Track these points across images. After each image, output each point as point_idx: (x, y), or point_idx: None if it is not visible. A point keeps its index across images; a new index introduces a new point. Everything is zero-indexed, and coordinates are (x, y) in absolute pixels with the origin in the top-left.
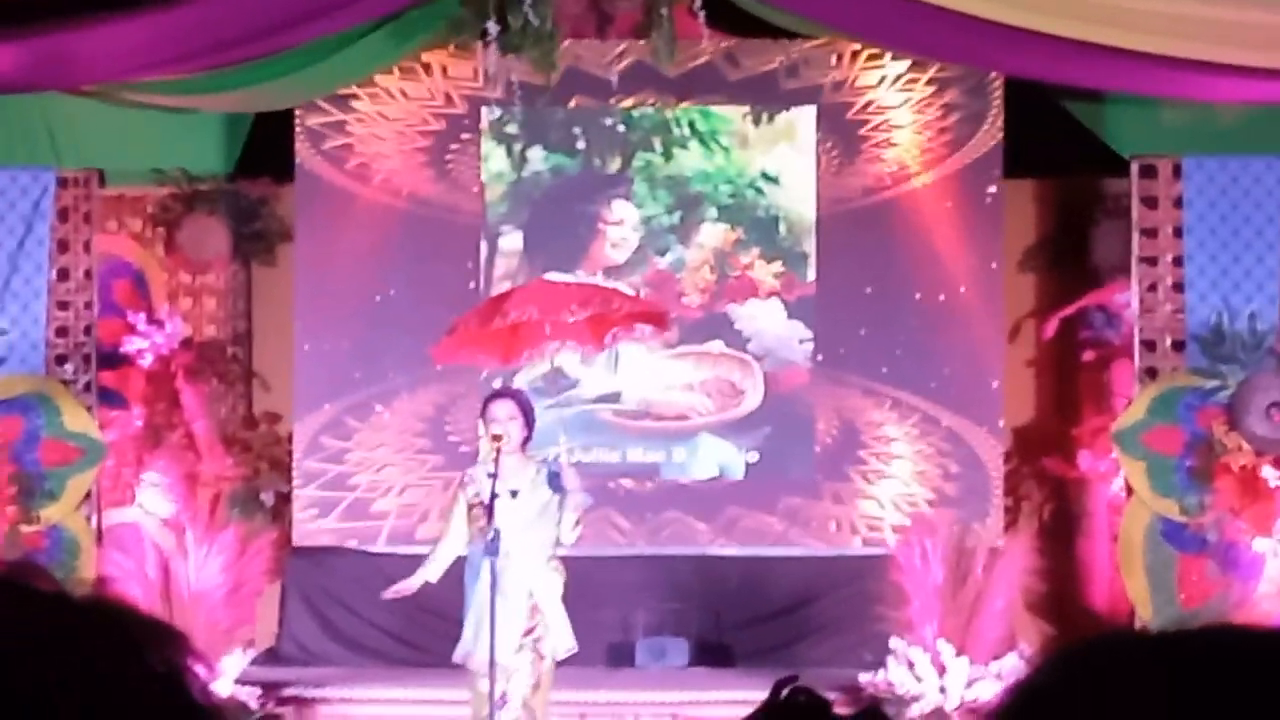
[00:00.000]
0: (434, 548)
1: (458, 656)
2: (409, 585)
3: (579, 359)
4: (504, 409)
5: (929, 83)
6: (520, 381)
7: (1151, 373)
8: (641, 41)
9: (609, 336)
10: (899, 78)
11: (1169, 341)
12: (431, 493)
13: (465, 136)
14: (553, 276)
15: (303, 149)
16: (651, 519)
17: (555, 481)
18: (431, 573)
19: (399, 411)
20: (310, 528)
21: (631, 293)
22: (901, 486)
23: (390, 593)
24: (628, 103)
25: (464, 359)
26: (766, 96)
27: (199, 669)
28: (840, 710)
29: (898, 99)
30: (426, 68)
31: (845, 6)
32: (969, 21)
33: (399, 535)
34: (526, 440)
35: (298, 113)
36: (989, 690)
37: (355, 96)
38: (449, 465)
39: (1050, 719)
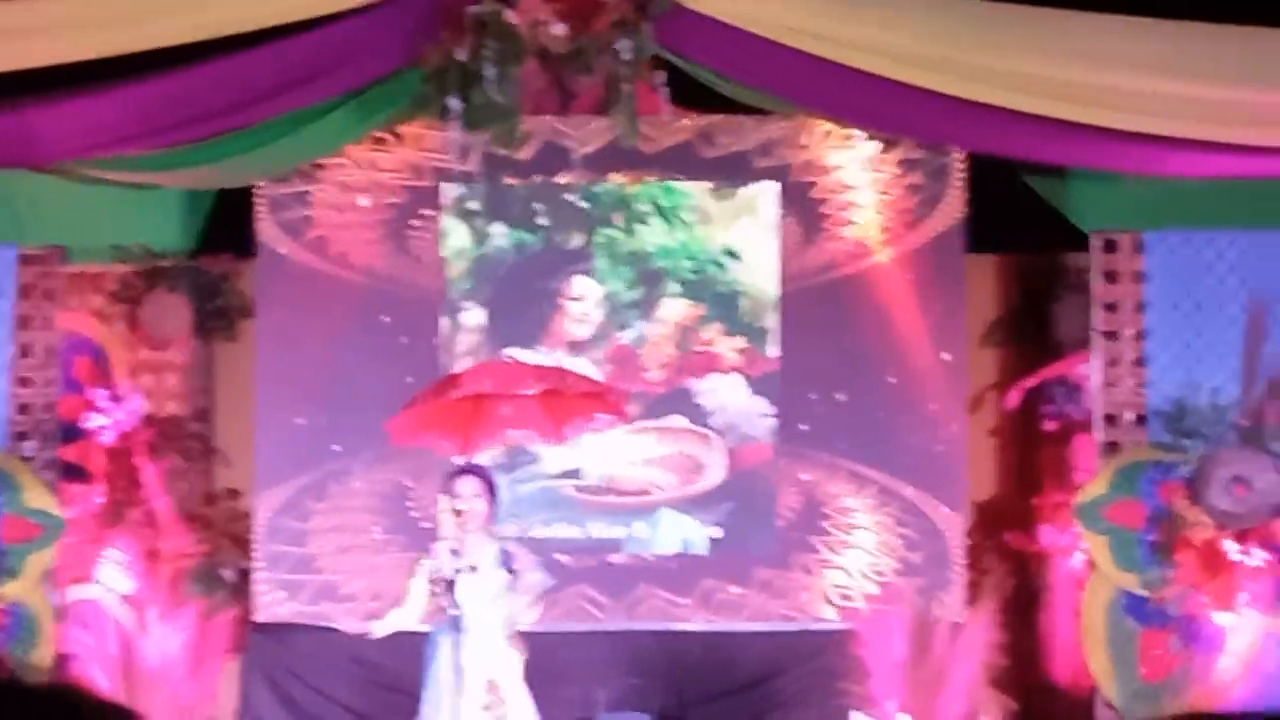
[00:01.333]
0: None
1: None
2: (353, 626)
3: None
4: (468, 486)
5: (898, 164)
6: (482, 459)
7: (1113, 447)
8: (605, 119)
9: (569, 429)
10: (868, 159)
11: (1131, 416)
12: (392, 568)
13: (426, 212)
14: (514, 353)
15: (264, 224)
16: (613, 595)
17: (507, 562)
18: (378, 627)
19: (360, 487)
20: (271, 605)
21: (591, 370)
22: (864, 561)
23: (332, 625)
24: (587, 179)
25: (421, 441)
26: (736, 174)
27: None
28: None
29: (863, 176)
30: (387, 144)
31: (808, 83)
32: (931, 97)
33: (358, 613)
34: (490, 517)
35: (258, 188)
36: None
37: (317, 171)
38: (410, 542)
39: None
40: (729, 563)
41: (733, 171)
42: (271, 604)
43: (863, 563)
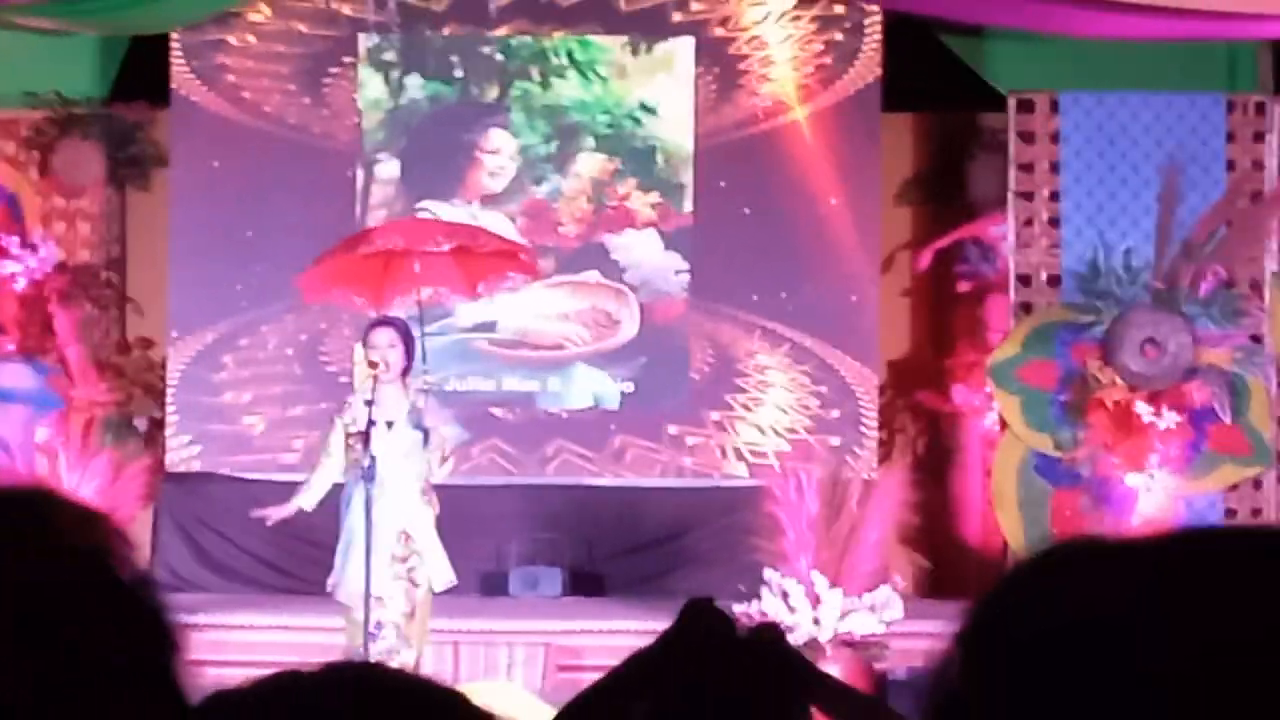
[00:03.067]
0: (310, 474)
1: (329, 585)
2: (283, 511)
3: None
4: (384, 337)
5: (812, 20)
6: (397, 311)
7: (1026, 307)
8: None
9: (480, 286)
10: (784, 15)
11: (1044, 276)
12: (306, 419)
13: (342, 62)
14: (429, 205)
15: (179, 73)
16: (526, 449)
17: (418, 421)
18: (306, 500)
19: (274, 338)
20: (183, 455)
21: (506, 224)
22: (776, 418)
23: (263, 515)
24: (504, 31)
25: (334, 298)
26: (653, 29)
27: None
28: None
29: (779, 33)
30: None
31: None
32: None
33: (273, 463)
34: (406, 370)
35: (174, 36)
36: (863, 622)
37: (232, 20)
38: (323, 393)
39: (1011, 626)
40: (641, 418)
41: (649, 26)
42: (184, 454)
43: (775, 419)
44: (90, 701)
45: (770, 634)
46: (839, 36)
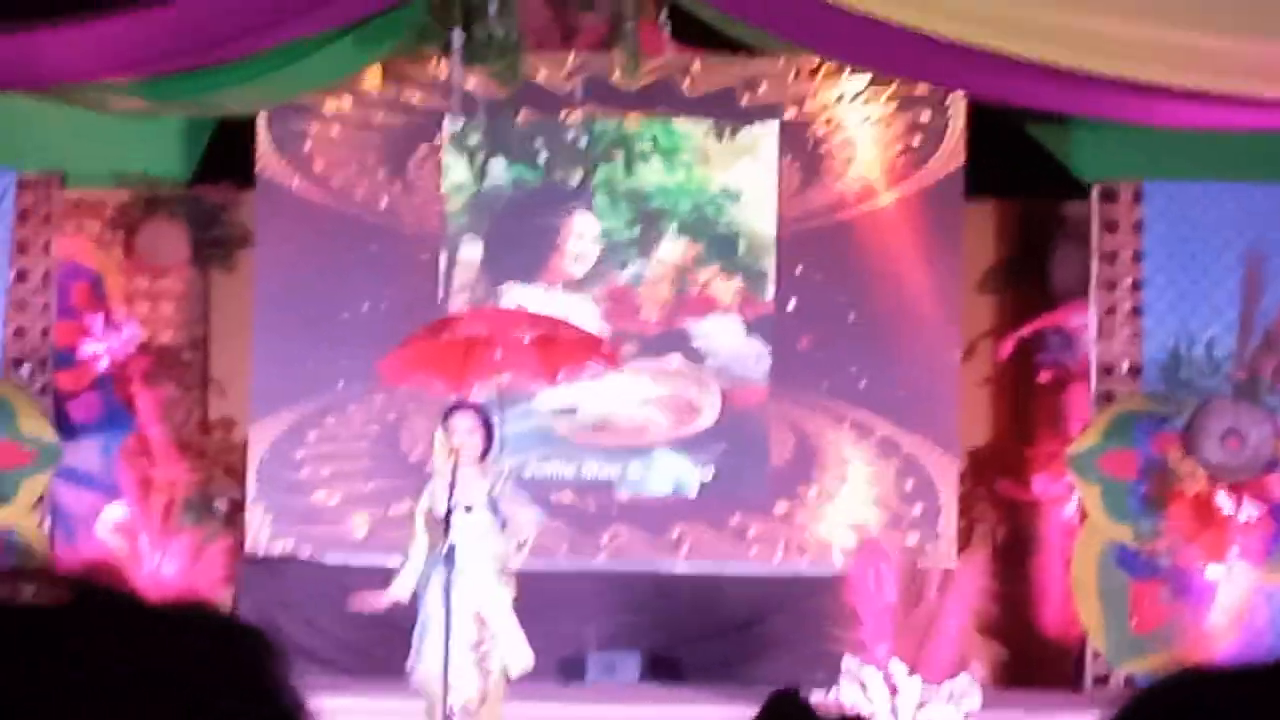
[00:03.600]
0: (401, 565)
1: (409, 667)
2: (379, 603)
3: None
4: (464, 421)
5: (890, 99)
6: (477, 395)
7: (1108, 397)
8: (606, 54)
9: (560, 373)
10: (858, 95)
11: (1126, 366)
12: (384, 502)
13: (427, 146)
14: (512, 289)
15: (264, 155)
16: (606, 534)
17: (495, 507)
18: (402, 590)
19: (354, 421)
20: (263, 536)
21: (590, 311)
22: (856, 506)
23: (359, 605)
24: (587, 116)
25: (413, 381)
26: (728, 112)
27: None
28: None
29: (858, 116)
30: (390, 77)
31: (811, 23)
32: (933, 41)
33: (351, 545)
34: (485, 454)
35: (259, 118)
36: (940, 711)
37: (319, 103)
38: (400, 476)
39: None
40: (721, 504)
41: (732, 111)
42: (264, 535)
43: (854, 507)
44: None
45: None
46: (924, 125)
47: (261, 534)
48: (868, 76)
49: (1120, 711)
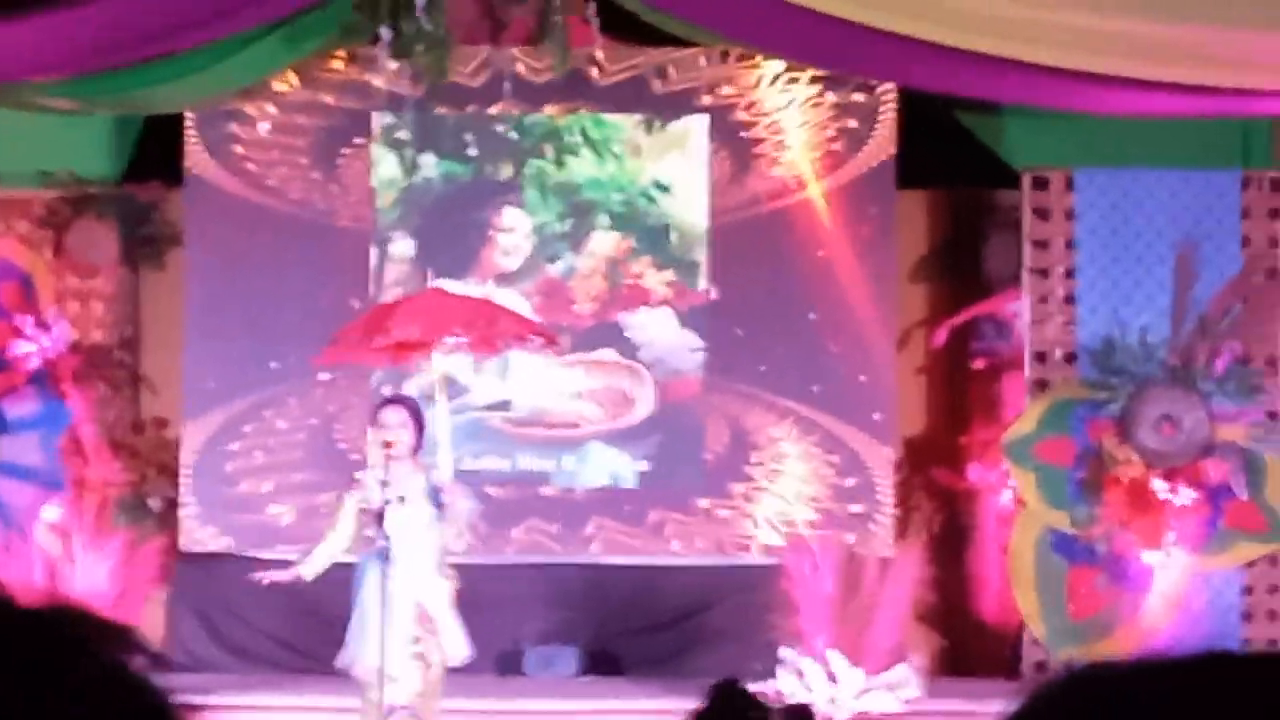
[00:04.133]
0: (315, 546)
1: (340, 663)
2: (284, 575)
3: (470, 365)
4: (395, 416)
5: (823, 94)
6: (410, 388)
7: (1042, 384)
8: (533, 48)
9: (501, 345)
10: (777, 77)
11: (1060, 353)
12: (318, 498)
13: (356, 142)
14: (443, 284)
15: (192, 152)
16: (541, 528)
17: (435, 497)
18: (307, 569)
19: (288, 416)
20: (197, 534)
21: (523, 305)
22: (792, 497)
23: (263, 576)
24: (516, 110)
25: (347, 360)
26: (667, 107)
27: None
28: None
29: (782, 99)
30: (316, 72)
31: (738, 15)
32: (863, 31)
33: (286, 542)
34: (417, 448)
35: (188, 116)
36: (880, 700)
37: (246, 100)
38: (336, 472)
39: None
40: (656, 496)
41: (663, 105)
42: (198, 534)
43: (791, 498)
44: None
45: (803, 715)
46: (853, 114)
47: (196, 532)
48: (809, 78)
49: (1021, 710)
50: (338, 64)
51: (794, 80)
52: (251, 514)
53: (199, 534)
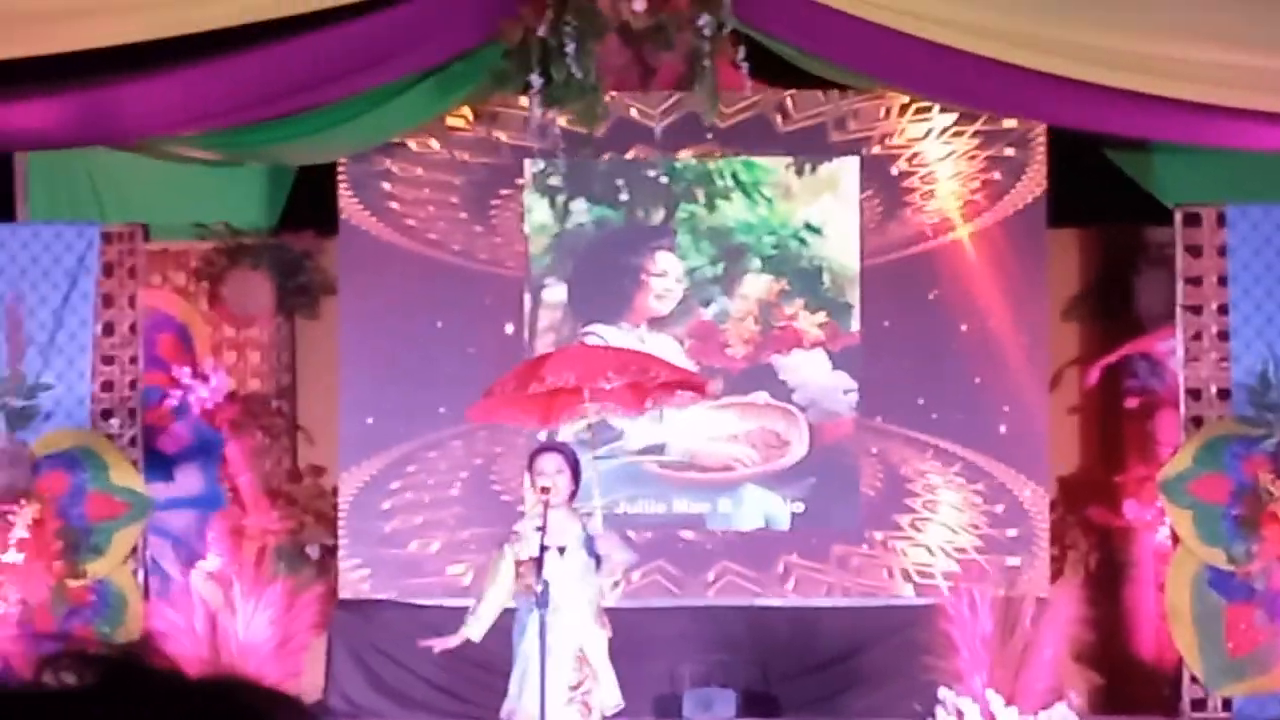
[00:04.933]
0: (476, 604)
1: (505, 712)
2: (451, 641)
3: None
4: (551, 463)
5: (974, 135)
6: (565, 434)
7: (1197, 421)
8: (684, 94)
9: (648, 402)
10: (945, 130)
11: (1214, 390)
12: (476, 545)
13: (508, 188)
14: (596, 329)
15: (346, 201)
16: (697, 571)
17: (590, 547)
18: (475, 630)
19: (444, 463)
20: (356, 581)
21: (676, 349)
22: (948, 536)
23: (432, 644)
24: (673, 154)
25: (500, 419)
26: (811, 149)
27: None
28: None
29: (942, 151)
30: (470, 119)
31: (889, 58)
32: (1012, 71)
33: (444, 589)
34: (574, 494)
35: (341, 165)
36: None
37: (399, 148)
38: (493, 518)
39: None
40: (812, 538)
41: (812, 146)
42: (356, 580)
43: (946, 538)
44: None
45: None
46: (1004, 153)
47: (353, 579)
48: (954, 115)
49: None
50: (489, 111)
51: (959, 134)
52: (408, 561)
53: (357, 581)
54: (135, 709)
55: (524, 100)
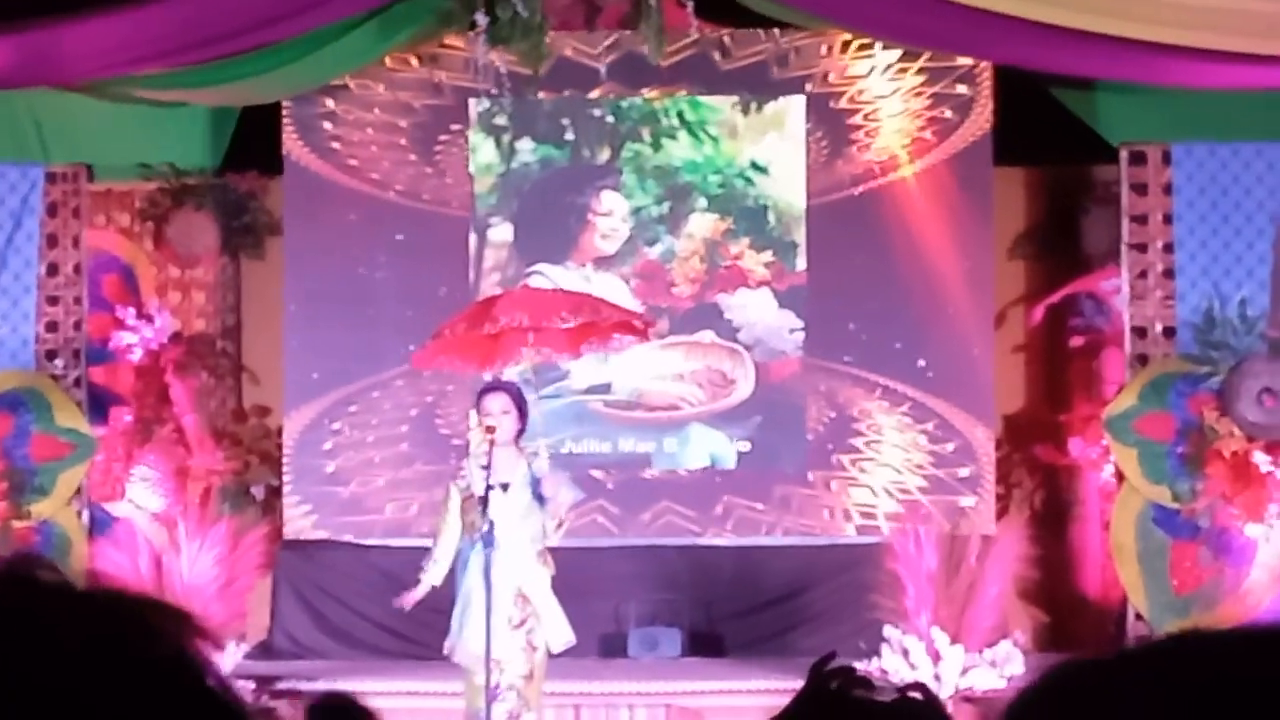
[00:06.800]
0: (433, 547)
1: (447, 648)
2: (417, 593)
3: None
4: (497, 402)
5: (919, 72)
6: (510, 374)
7: (1142, 359)
8: (629, 32)
9: (583, 346)
10: (889, 67)
11: (1159, 328)
12: (421, 485)
13: (453, 128)
14: (542, 269)
15: (290, 142)
16: (643, 509)
17: (535, 488)
18: (436, 575)
19: (389, 403)
20: (301, 521)
21: (622, 288)
22: (893, 475)
23: (402, 602)
24: (614, 93)
25: (441, 365)
26: (756, 87)
27: (208, 649)
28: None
29: (888, 88)
30: (414, 59)
31: None
32: (957, 9)
33: (389, 528)
34: (520, 433)
35: (285, 105)
36: (983, 677)
37: (343, 88)
38: (438, 458)
39: None
40: (758, 477)
41: (757, 85)
42: (301, 521)
43: (892, 476)
44: None
45: (923, 694)
46: (949, 91)
47: (298, 520)
48: (898, 51)
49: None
50: (434, 51)
51: (903, 71)
52: (353, 501)
53: (301, 521)
54: (17, 619)
55: (466, 41)
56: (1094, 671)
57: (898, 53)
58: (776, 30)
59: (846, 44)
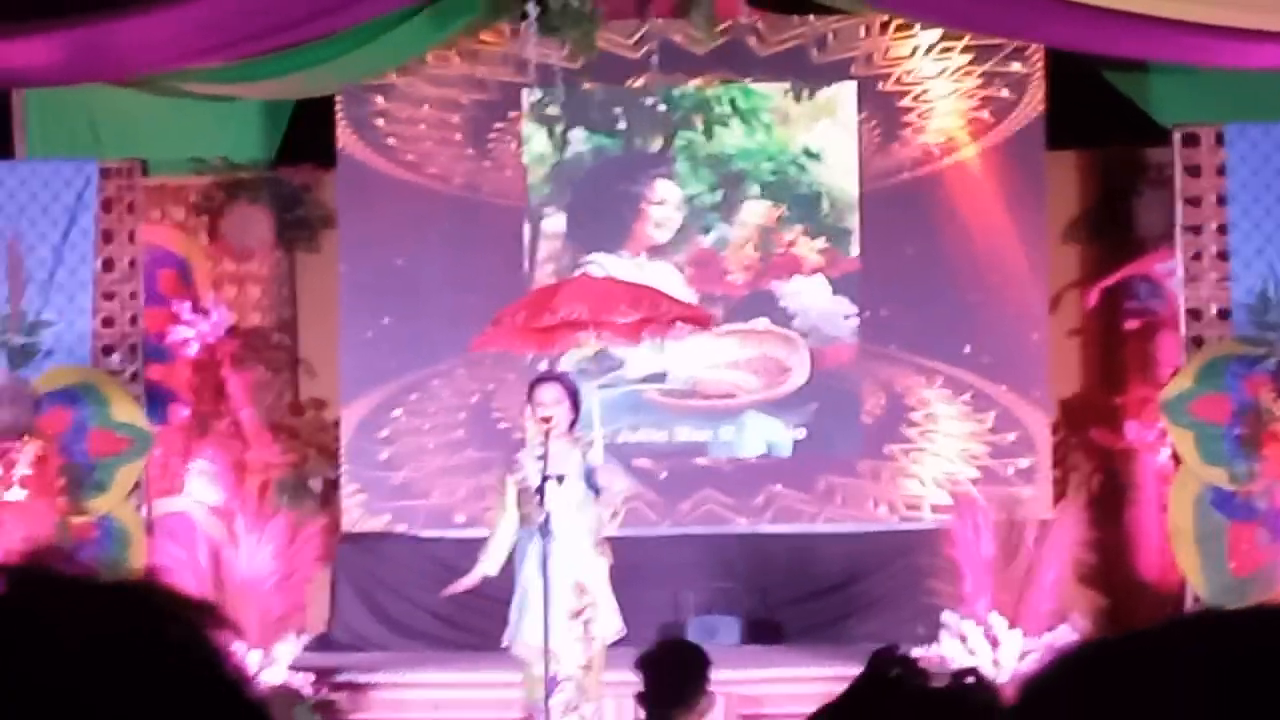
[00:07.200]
0: (489, 538)
1: (506, 640)
2: (470, 580)
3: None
4: (550, 393)
5: (965, 50)
6: (566, 364)
7: (1198, 341)
8: (661, 20)
9: (644, 333)
10: (932, 47)
11: (1215, 310)
12: (477, 476)
13: (504, 120)
14: (596, 258)
15: (344, 134)
16: (699, 498)
17: (590, 479)
18: (491, 565)
19: (445, 394)
20: (358, 514)
21: (675, 277)
22: (949, 460)
23: (451, 590)
24: (664, 82)
25: (500, 347)
26: (799, 71)
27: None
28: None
29: (934, 69)
30: (466, 50)
31: None
32: None
33: (446, 519)
34: (574, 424)
35: (338, 98)
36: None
37: (390, 86)
38: (494, 449)
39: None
40: (814, 464)
41: (799, 70)
42: (359, 513)
43: (948, 461)
44: None
45: (977, 679)
46: (1002, 70)
47: (356, 512)
48: (939, 30)
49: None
50: (486, 41)
51: (948, 50)
52: (410, 492)
53: (359, 514)
54: (42, 614)
55: (505, 36)
56: (1120, 646)
57: (938, 32)
58: (811, 15)
59: (885, 24)
